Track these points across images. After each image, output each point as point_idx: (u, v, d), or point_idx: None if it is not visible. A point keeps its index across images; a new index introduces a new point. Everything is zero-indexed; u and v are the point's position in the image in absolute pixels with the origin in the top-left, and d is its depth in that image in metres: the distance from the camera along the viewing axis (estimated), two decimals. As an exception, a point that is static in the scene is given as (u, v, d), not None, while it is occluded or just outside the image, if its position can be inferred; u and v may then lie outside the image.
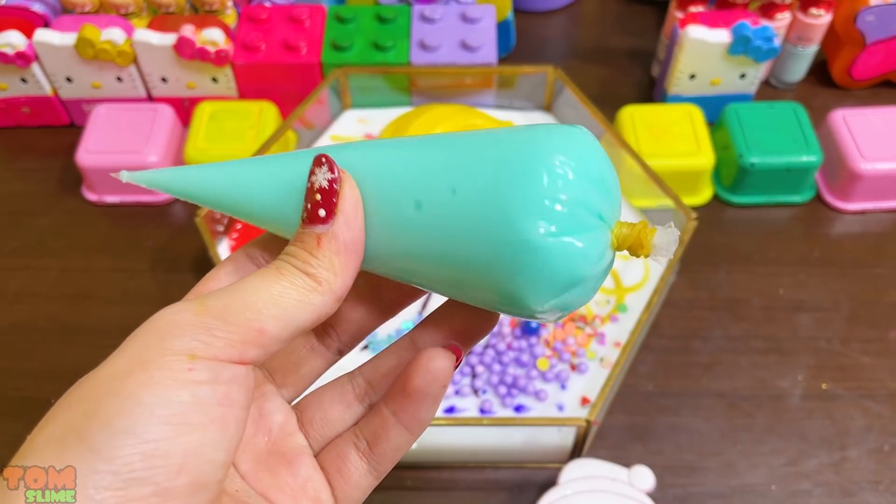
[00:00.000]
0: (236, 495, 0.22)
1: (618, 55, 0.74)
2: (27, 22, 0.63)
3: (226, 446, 0.19)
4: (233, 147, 0.60)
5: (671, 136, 0.61)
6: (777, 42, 0.61)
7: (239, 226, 0.58)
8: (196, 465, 0.19)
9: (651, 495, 0.45)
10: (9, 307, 0.57)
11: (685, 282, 0.58)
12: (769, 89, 0.70)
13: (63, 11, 0.67)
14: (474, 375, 0.52)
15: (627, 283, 0.56)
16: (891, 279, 0.58)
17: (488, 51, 0.64)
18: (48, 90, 0.65)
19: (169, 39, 0.61)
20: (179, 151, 0.63)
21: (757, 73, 0.64)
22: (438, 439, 0.49)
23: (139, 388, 0.18)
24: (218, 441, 0.19)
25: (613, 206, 0.21)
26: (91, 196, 0.63)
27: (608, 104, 0.63)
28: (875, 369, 0.54)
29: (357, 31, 0.65)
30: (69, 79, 0.64)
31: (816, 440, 0.51)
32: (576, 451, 0.49)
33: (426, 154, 0.22)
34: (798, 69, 0.69)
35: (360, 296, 0.25)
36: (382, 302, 0.26)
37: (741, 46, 0.61)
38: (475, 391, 0.51)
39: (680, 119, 0.61)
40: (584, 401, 0.50)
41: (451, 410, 0.50)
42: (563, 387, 0.51)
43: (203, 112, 0.62)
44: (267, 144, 0.59)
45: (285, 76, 0.64)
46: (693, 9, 0.65)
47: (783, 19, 0.64)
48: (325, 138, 0.64)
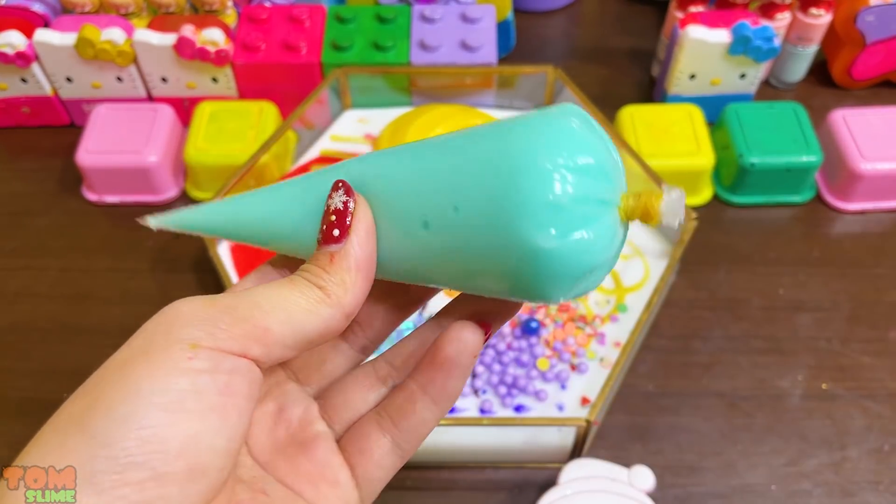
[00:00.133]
0: (252, 482, 0.23)
1: (618, 55, 0.74)
2: (27, 22, 0.63)
3: (226, 434, 0.20)
4: (233, 147, 0.60)
5: (671, 136, 0.61)
6: (777, 42, 0.61)
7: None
8: (194, 451, 0.19)
9: (651, 495, 0.45)
10: (9, 307, 0.57)
11: (685, 282, 0.58)
12: (769, 89, 0.70)
13: (63, 11, 0.67)
14: (474, 375, 0.52)
15: (627, 283, 0.56)
16: (891, 279, 0.58)
17: (488, 51, 0.64)
18: (48, 90, 0.65)
19: (169, 39, 0.61)
20: (179, 151, 0.63)
21: (757, 73, 0.64)
22: (438, 439, 0.49)
23: (140, 376, 0.19)
24: (217, 428, 0.19)
25: (616, 183, 0.21)
26: (91, 196, 0.63)
27: (608, 104, 0.63)
28: (875, 369, 0.54)
29: (357, 31, 0.65)
30: (69, 79, 0.64)
31: (816, 440, 0.51)
32: (576, 451, 0.49)
33: (428, 167, 0.22)
34: (798, 69, 0.69)
35: (384, 292, 0.26)
36: (406, 297, 0.26)
37: (741, 46, 0.61)
38: (475, 391, 0.51)
39: (680, 119, 0.61)
40: (584, 401, 0.50)
41: (451, 410, 0.50)
42: (563, 387, 0.51)
43: (203, 112, 0.62)
44: (267, 144, 0.59)
45: (285, 76, 0.64)
46: (693, 9, 0.65)
47: (783, 19, 0.64)
48: (325, 138, 0.64)
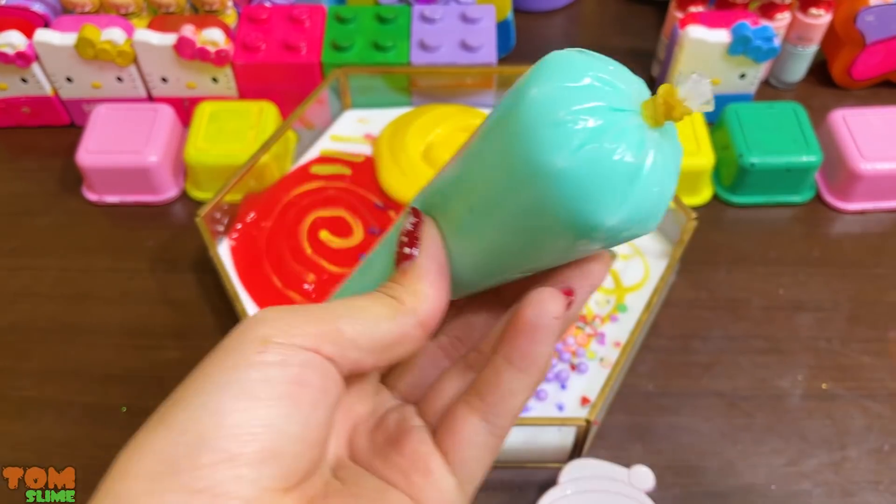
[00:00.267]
0: (344, 476, 0.23)
1: (618, 55, 0.72)
2: (27, 22, 0.63)
3: (299, 420, 0.20)
4: (233, 147, 0.60)
5: (671, 136, 0.61)
6: (777, 42, 0.61)
7: (239, 225, 0.58)
8: (266, 435, 0.20)
9: (651, 495, 0.45)
10: (9, 307, 0.57)
11: (685, 282, 0.58)
12: (769, 89, 0.70)
13: (63, 11, 0.67)
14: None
15: (627, 283, 0.56)
16: (891, 279, 0.58)
17: (488, 51, 0.64)
18: (48, 90, 0.65)
19: (169, 39, 0.61)
20: (179, 151, 0.63)
21: (757, 73, 0.64)
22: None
23: (216, 370, 0.21)
24: (289, 414, 0.20)
25: (630, 92, 0.20)
26: (91, 196, 0.63)
27: (608, 104, 0.63)
28: (875, 369, 0.54)
29: (357, 32, 0.65)
30: (69, 79, 0.64)
31: (816, 440, 0.51)
32: (576, 451, 0.49)
33: (460, 163, 0.23)
34: (798, 69, 0.69)
35: (477, 304, 0.27)
36: (500, 304, 0.26)
37: (741, 46, 0.61)
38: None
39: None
40: (584, 401, 0.50)
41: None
42: (563, 387, 0.51)
43: (203, 112, 0.62)
44: (267, 144, 0.59)
45: (285, 76, 0.64)
46: (693, 9, 0.65)
47: (783, 19, 0.64)
48: (326, 138, 0.64)
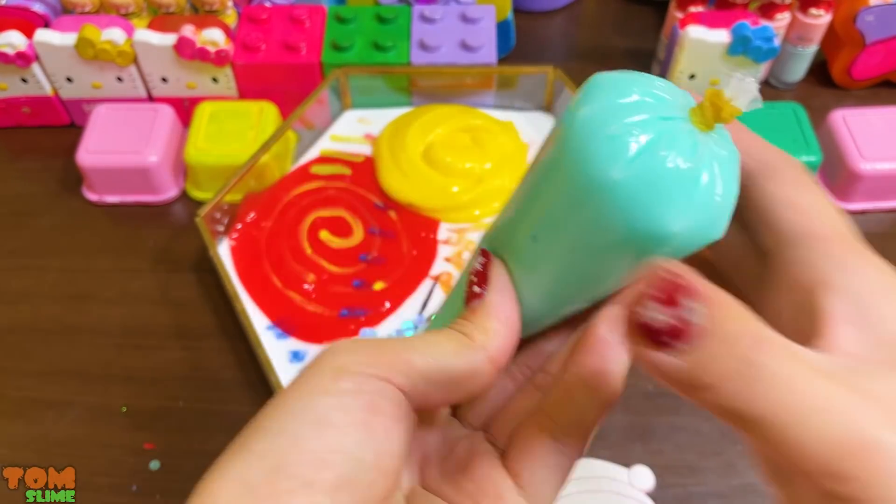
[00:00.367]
0: (416, 503, 0.23)
1: (618, 55, 0.74)
2: (27, 22, 0.63)
3: (373, 448, 0.20)
4: (233, 147, 0.60)
5: (671, 137, 0.61)
6: (777, 42, 0.61)
7: (239, 225, 0.58)
8: (340, 462, 0.20)
9: (651, 495, 0.45)
10: (9, 307, 0.57)
11: (685, 282, 0.58)
12: (769, 89, 0.70)
13: (63, 11, 0.67)
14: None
15: (627, 283, 0.56)
16: (890, 279, 0.58)
17: (488, 51, 0.64)
18: (48, 90, 0.65)
19: (169, 39, 0.61)
20: (179, 151, 0.63)
21: (756, 74, 0.64)
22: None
23: (293, 398, 0.21)
24: (362, 441, 0.20)
25: (677, 102, 0.21)
26: (91, 196, 0.63)
27: (608, 104, 0.63)
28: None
29: (357, 32, 0.65)
30: (69, 79, 0.64)
31: (816, 440, 0.51)
32: (576, 451, 0.49)
33: (520, 195, 0.24)
34: (798, 69, 0.69)
35: (551, 338, 0.27)
36: (571, 325, 0.26)
37: (741, 46, 0.61)
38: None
39: (680, 119, 0.61)
40: (584, 401, 0.50)
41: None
42: (563, 387, 0.51)
43: (203, 112, 0.62)
44: (267, 144, 0.59)
45: (285, 76, 0.64)
46: (693, 9, 0.65)
47: (783, 19, 0.64)
48: (326, 138, 0.64)
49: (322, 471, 0.19)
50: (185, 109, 0.66)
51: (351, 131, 0.65)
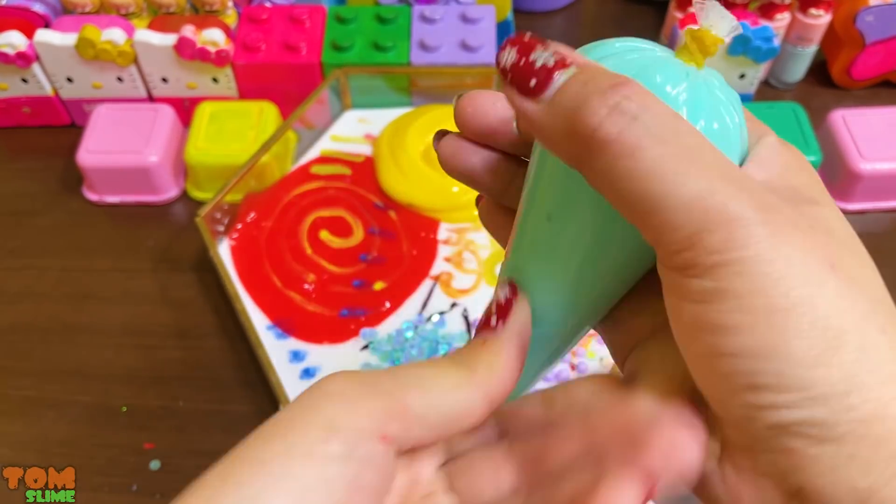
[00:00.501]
0: None
1: (618, 55, 0.73)
2: (28, 22, 0.63)
3: None
4: (233, 147, 0.60)
5: (671, 137, 0.61)
6: (776, 42, 0.61)
7: (239, 225, 0.58)
8: None
9: (650, 495, 0.45)
10: (9, 307, 0.57)
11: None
12: (769, 89, 0.70)
13: (64, 12, 0.67)
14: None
15: (627, 283, 0.56)
16: (891, 279, 0.58)
17: (488, 51, 0.64)
18: (49, 90, 0.65)
19: (169, 40, 0.61)
20: (180, 151, 0.63)
21: (756, 74, 0.64)
22: (438, 439, 0.49)
23: (274, 457, 0.19)
24: None
25: (662, 49, 0.21)
26: (92, 196, 0.63)
27: (608, 104, 0.63)
28: None
29: (357, 32, 0.65)
30: (70, 79, 0.64)
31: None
32: (575, 451, 0.49)
33: (529, 187, 0.23)
34: (797, 69, 0.69)
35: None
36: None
37: (741, 47, 0.61)
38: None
39: (680, 119, 0.61)
40: (584, 400, 0.50)
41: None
42: (563, 386, 0.51)
43: (203, 112, 0.62)
44: (267, 144, 0.59)
45: (286, 76, 0.64)
46: (692, 9, 0.65)
47: (782, 19, 0.64)
48: (326, 138, 0.64)
49: None
50: (186, 109, 0.66)
51: (351, 131, 0.65)
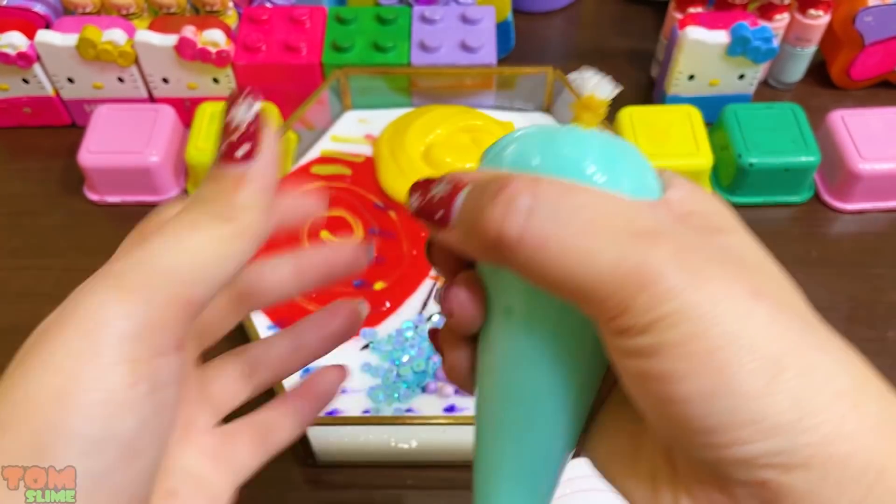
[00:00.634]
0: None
1: (617, 56, 0.74)
2: (29, 23, 0.64)
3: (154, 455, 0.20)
4: (233, 147, 0.60)
5: (670, 137, 0.61)
6: (776, 43, 0.61)
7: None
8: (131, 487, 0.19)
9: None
10: (10, 307, 0.57)
11: (684, 282, 0.58)
12: (768, 90, 0.70)
13: (64, 12, 0.67)
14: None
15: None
16: (889, 279, 0.58)
17: (488, 52, 0.64)
18: (50, 91, 0.65)
19: (170, 40, 0.61)
20: (181, 152, 0.63)
21: (755, 74, 0.64)
22: (439, 438, 0.49)
23: (79, 417, 0.18)
24: (154, 460, 0.20)
25: (550, 126, 0.22)
26: (93, 196, 0.63)
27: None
28: (874, 369, 0.54)
29: (357, 32, 0.65)
30: (71, 79, 0.64)
31: (815, 439, 0.51)
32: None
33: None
34: (796, 70, 0.69)
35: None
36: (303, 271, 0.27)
37: (740, 47, 0.61)
38: (475, 391, 0.51)
39: (679, 120, 0.62)
40: (584, 400, 0.50)
41: (451, 410, 0.50)
42: (563, 386, 0.51)
43: (204, 113, 0.62)
44: (267, 145, 0.59)
45: (286, 77, 0.64)
46: (692, 10, 0.65)
47: (782, 20, 0.65)
48: (326, 139, 0.64)
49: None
50: (186, 110, 0.66)
51: (351, 132, 0.65)
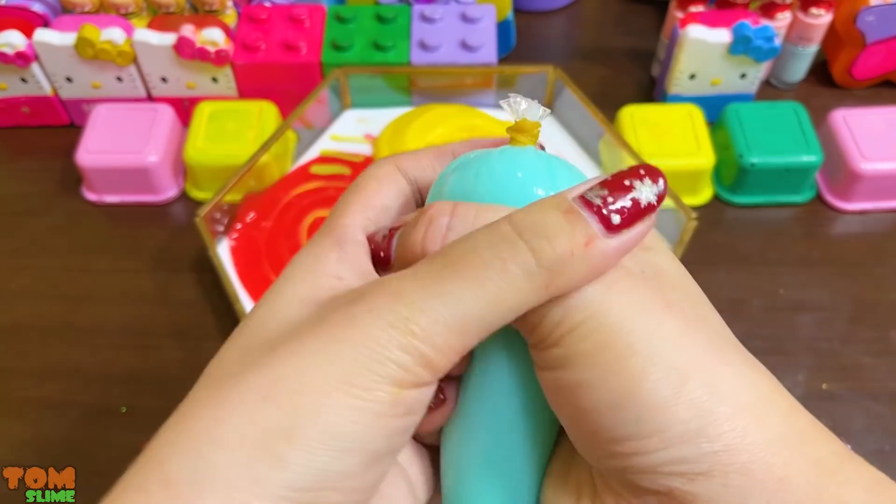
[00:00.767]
0: None
1: (618, 55, 0.73)
2: (27, 22, 0.63)
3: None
4: (233, 147, 0.60)
5: (671, 136, 0.60)
6: (777, 42, 0.61)
7: (239, 226, 0.58)
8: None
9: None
10: (9, 307, 0.57)
11: (685, 282, 0.58)
12: (769, 89, 0.70)
13: (63, 11, 0.67)
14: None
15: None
16: (891, 279, 0.58)
17: (488, 51, 0.64)
18: (48, 90, 0.65)
19: (169, 39, 0.61)
20: (179, 151, 0.63)
21: (757, 73, 0.64)
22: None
23: (339, 419, 0.17)
24: (379, 479, 0.19)
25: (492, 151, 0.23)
26: (91, 196, 0.63)
27: (608, 104, 0.63)
28: (876, 369, 0.53)
29: (357, 31, 0.65)
30: (69, 79, 0.64)
31: (817, 440, 0.51)
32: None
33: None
34: (798, 69, 0.69)
35: None
36: None
37: (741, 46, 0.61)
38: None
39: (680, 119, 0.61)
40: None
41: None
42: (564, 387, 0.51)
43: (203, 112, 0.62)
44: (267, 144, 0.58)
45: (285, 76, 0.64)
46: (693, 8, 0.65)
47: (783, 19, 0.64)
48: (326, 138, 0.64)
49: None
50: (185, 109, 0.66)
51: (351, 131, 0.65)
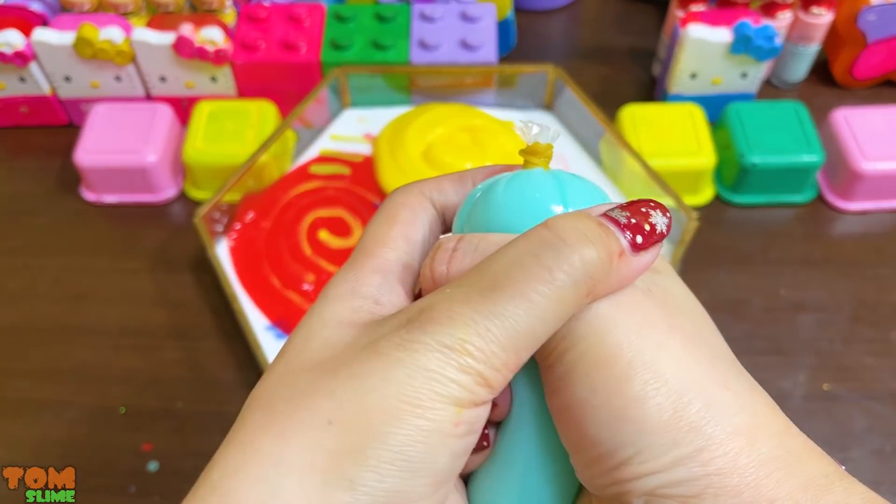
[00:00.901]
0: None
1: (619, 54, 0.73)
2: (25, 21, 0.63)
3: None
4: (232, 147, 0.60)
5: (672, 136, 0.60)
6: (778, 41, 0.61)
7: (238, 225, 0.58)
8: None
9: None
10: (7, 307, 0.57)
11: (686, 282, 0.57)
12: (770, 89, 0.70)
13: (61, 10, 0.67)
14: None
15: (628, 283, 0.55)
16: (893, 279, 0.58)
17: (488, 50, 0.64)
18: (46, 89, 0.65)
19: (168, 38, 0.61)
20: (178, 151, 0.63)
21: (758, 73, 0.63)
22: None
23: (408, 439, 0.18)
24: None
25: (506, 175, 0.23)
26: (90, 196, 0.63)
27: (609, 103, 0.63)
28: (877, 370, 0.53)
29: (357, 31, 0.65)
30: (67, 78, 0.64)
31: (818, 441, 0.50)
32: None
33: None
34: (799, 68, 0.68)
35: None
36: None
37: (742, 45, 0.61)
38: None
39: (681, 118, 0.61)
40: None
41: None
42: (564, 387, 0.50)
43: (202, 111, 0.62)
44: (266, 144, 0.58)
45: (285, 75, 0.64)
46: (694, 8, 0.64)
47: (784, 18, 0.64)
48: (325, 137, 0.64)
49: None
50: (184, 109, 0.65)
51: (350, 131, 0.64)
